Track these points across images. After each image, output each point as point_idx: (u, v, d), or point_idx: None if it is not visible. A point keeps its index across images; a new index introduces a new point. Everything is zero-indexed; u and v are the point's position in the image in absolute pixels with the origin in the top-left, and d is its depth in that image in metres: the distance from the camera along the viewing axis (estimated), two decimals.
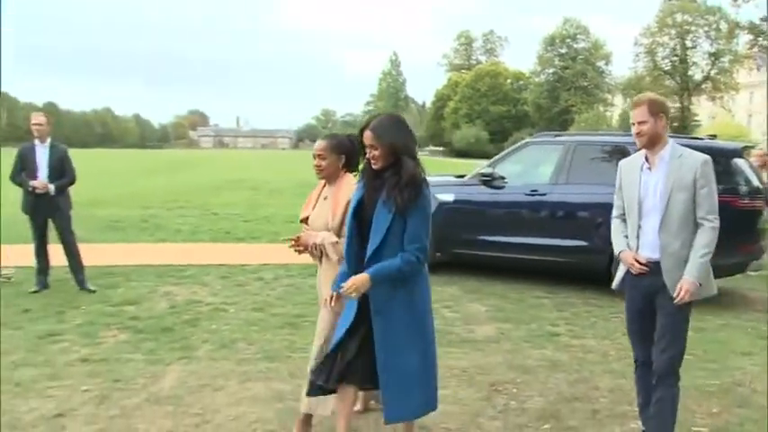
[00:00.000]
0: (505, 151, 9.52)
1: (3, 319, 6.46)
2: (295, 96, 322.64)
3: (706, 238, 3.60)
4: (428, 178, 3.45)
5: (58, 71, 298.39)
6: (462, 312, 7.15)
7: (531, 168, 9.23)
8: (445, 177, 10.06)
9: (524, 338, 6.25)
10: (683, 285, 3.56)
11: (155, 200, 19.06)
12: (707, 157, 3.66)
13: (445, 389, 4.88)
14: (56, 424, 4.20)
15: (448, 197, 8.97)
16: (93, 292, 7.67)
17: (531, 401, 4.72)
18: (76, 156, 8.55)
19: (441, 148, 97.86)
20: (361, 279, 3.30)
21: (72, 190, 8.00)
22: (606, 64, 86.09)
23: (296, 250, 4.05)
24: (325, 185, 4.13)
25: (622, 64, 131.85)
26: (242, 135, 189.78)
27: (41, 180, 7.54)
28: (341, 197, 3.90)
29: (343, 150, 3.98)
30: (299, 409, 4.00)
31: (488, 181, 8.83)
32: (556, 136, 9.29)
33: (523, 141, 9.68)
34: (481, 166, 9.38)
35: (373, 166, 3.38)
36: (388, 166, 3.34)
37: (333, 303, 3.47)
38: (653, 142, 3.69)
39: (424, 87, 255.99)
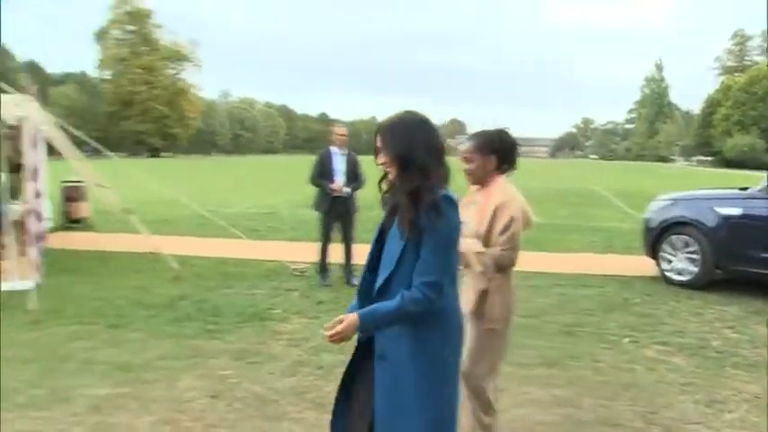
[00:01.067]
0: None
1: (299, 308, 7.29)
2: (554, 104, 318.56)
3: None
4: (709, 191, 3.06)
5: (331, 85, 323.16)
6: (748, 334, 6.69)
7: None
8: (729, 190, 9.38)
9: None
10: None
11: None
12: None
13: (734, 413, 4.69)
14: None
15: (734, 211, 8.36)
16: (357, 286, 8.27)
17: None
18: None
19: (709, 158, 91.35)
20: (348, 320, 2.57)
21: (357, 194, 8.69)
22: None
23: None
24: (478, 191, 3.65)
25: None
26: None
27: (338, 183, 8.34)
28: (491, 201, 3.46)
29: (493, 149, 3.51)
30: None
31: None
32: None
33: None
34: (766, 177, 8.65)
35: (389, 177, 2.68)
36: None
37: (330, 333, 2.58)
38: None
39: (688, 94, 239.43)
